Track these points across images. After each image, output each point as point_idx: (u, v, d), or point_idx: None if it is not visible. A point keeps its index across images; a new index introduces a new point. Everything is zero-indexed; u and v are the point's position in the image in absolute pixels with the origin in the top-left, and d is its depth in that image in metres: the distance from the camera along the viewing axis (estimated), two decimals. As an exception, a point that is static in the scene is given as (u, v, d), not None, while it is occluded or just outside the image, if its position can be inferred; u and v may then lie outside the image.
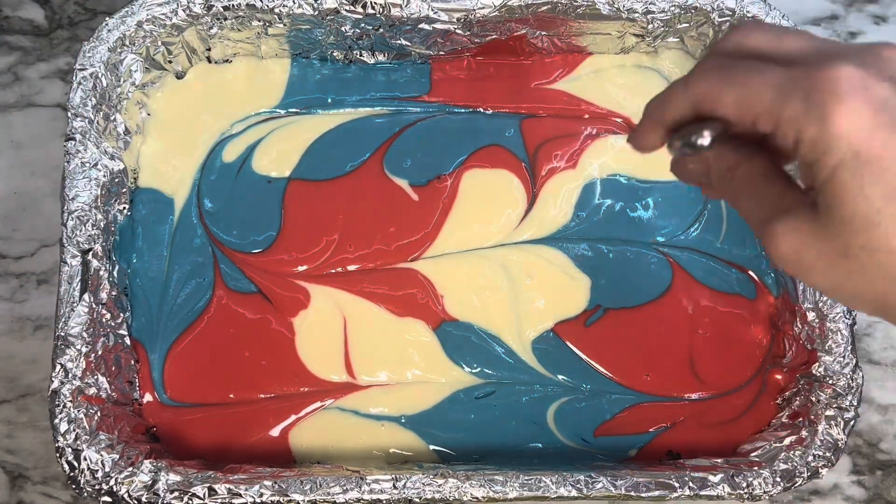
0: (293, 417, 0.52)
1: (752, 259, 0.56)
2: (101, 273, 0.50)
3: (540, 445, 0.53)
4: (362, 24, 0.54)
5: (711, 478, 0.48)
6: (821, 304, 0.51)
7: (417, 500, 0.47)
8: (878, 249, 0.28)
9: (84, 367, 0.47)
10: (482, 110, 0.58)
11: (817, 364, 0.51)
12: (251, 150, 0.56)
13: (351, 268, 0.55)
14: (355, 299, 0.54)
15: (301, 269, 0.54)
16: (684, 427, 0.53)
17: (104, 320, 0.50)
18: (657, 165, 0.57)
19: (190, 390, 0.52)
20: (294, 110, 0.57)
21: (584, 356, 0.54)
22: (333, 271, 0.55)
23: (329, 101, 0.58)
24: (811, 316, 0.52)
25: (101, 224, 0.50)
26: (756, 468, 0.48)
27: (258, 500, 0.46)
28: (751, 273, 0.56)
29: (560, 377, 0.54)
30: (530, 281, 0.55)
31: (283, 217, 0.55)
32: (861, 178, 0.28)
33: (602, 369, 0.54)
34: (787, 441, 0.50)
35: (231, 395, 0.52)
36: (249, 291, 0.54)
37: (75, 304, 0.48)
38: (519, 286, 0.55)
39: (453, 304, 0.55)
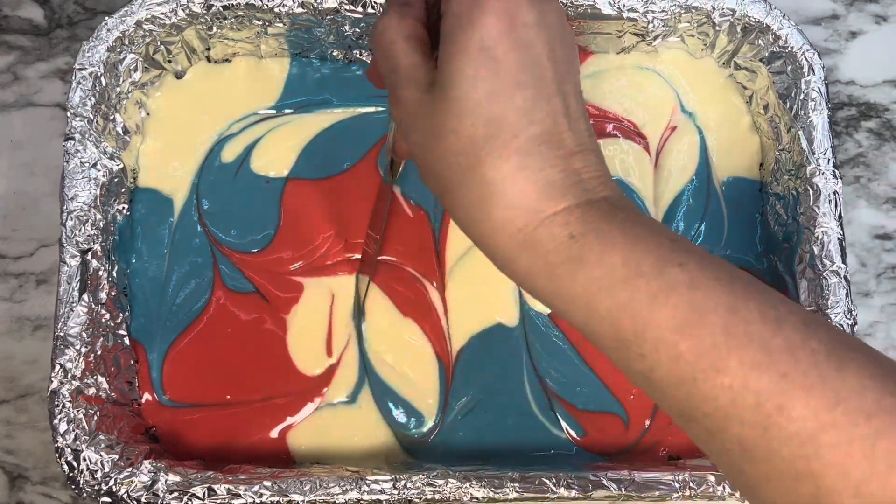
0: (289, 419, 0.52)
1: (752, 260, 0.56)
2: (101, 273, 0.49)
3: (538, 441, 0.53)
4: (362, 24, 0.54)
5: (711, 478, 0.47)
6: (821, 304, 0.51)
7: (417, 500, 0.46)
8: (462, 136, 0.31)
9: (83, 367, 0.47)
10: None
11: (818, 364, 0.51)
12: (249, 149, 0.56)
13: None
14: (347, 279, 0.54)
15: (297, 265, 0.54)
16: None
17: (103, 320, 0.50)
18: (657, 164, 0.57)
19: (189, 390, 0.52)
20: (291, 110, 0.57)
21: (578, 351, 0.54)
22: (328, 263, 0.55)
23: (328, 100, 0.57)
24: (811, 316, 0.52)
25: (101, 224, 0.50)
26: (756, 468, 0.48)
27: (258, 501, 0.46)
28: (751, 273, 0.56)
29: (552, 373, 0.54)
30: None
31: (282, 217, 0.55)
32: (477, 69, 0.30)
33: (594, 371, 0.54)
34: (787, 441, 0.50)
35: (229, 396, 0.52)
36: (248, 291, 0.54)
37: (74, 305, 0.48)
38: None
39: (450, 298, 0.54)
